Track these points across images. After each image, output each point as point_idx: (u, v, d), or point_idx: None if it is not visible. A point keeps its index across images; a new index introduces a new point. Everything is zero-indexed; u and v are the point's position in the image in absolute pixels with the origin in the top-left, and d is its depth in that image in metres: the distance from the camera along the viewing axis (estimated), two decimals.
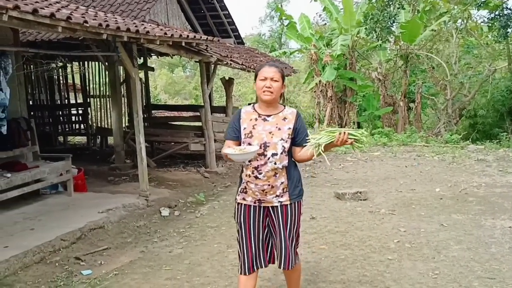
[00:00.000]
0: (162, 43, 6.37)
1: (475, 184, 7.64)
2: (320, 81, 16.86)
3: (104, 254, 4.97)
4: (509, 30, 14.04)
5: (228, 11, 13.08)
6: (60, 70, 12.89)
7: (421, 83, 16.98)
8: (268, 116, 3.07)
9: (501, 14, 13.32)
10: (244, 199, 3.14)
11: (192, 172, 9.14)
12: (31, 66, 11.03)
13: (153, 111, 12.50)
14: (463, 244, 4.90)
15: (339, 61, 17.12)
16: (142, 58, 10.76)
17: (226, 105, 10.23)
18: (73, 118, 13.21)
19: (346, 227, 5.62)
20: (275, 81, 2.99)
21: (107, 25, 5.20)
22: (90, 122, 13.06)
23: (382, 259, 4.55)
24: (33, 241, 4.88)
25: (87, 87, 13.20)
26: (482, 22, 18.42)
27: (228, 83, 10.03)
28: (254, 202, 3.10)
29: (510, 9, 13.43)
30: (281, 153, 3.00)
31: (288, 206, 3.08)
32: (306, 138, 3.01)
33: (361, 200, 6.83)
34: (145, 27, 6.03)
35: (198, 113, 9.54)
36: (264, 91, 2.99)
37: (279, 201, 3.07)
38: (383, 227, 5.57)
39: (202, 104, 9.49)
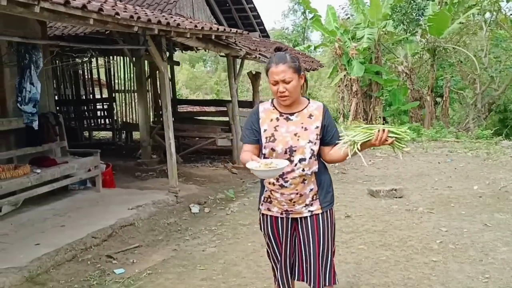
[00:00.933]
0: (191, 36, 6.22)
1: None
2: (345, 75, 16.57)
3: (135, 252, 4.85)
4: None
5: (254, 4, 12.89)
6: (85, 65, 12.90)
7: (450, 77, 16.55)
8: (291, 114, 2.64)
9: None
10: (269, 209, 2.75)
11: (219, 168, 9.00)
12: (57, 60, 11.03)
13: (177, 106, 12.39)
14: (511, 245, 4.64)
15: (364, 55, 16.82)
16: (167, 52, 10.64)
17: (253, 99, 10.04)
18: (99, 113, 13.19)
19: (384, 226, 5.41)
20: (288, 82, 2.52)
21: (138, 17, 5.06)
22: (115, 117, 13.02)
23: (426, 260, 4.33)
24: (64, 238, 4.79)
25: (112, 82, 13.16)
26: (511, 14, 17.90)
27: (254, 77, 9.84)
28: (281, 213, 2.71)
29: None
30: (310, 158, 2.58)
31: (320, 215, 2.68)
32: (340, 134, 2.63)
33: (396, 197, 6.60)
34: (175, 20, 5.89)
35: (224, 108, 9.41)
36: (280, 97, 2.57)
37: (309, 211, 2.67)
38: (423, 227, 5.33)
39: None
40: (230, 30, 6.83)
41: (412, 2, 14.36)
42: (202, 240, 5.19)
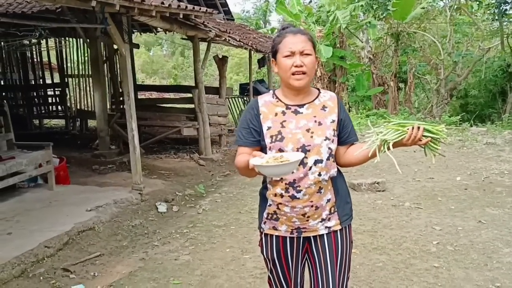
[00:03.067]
0: (156, 15, 5.52)
1: (496, 172, 7.08)
2: None
3: (96, 263, 4.21)
4: (506, 7, 13.57)
5: None
6: (34, 47, 11.84)
7: (415, 62, 16.41)
8: (301, 106, 2.11)
9: None
10: (275, 228, 2.17)
11: (185, 159, 8.35)
12: (1, 42, 10.00)
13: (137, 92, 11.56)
14: None
15: (328, 39, 16.44)
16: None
17: (219, 85, 9.40)
18: (50, 99, 12.14)
19: (373, 225, 4.97)
20: (307, 54, 2.03)
21: None
22: (68, 103, 12.04)
23: (427, 267, 3.91)
24: (12, 250, 4.08)
25: (64, 66, 12.13)
26: None
27: (222, 62, 9.19)
28: (291, 232, 2.15)
29: None
30: (328, 159, 2.07)
31: (338, 233, 2.16)
32: (368, 132, 2.12)
33: (379, 191, 6.20)
34: None
35: (189, 94, 8.73)
36: (293, 74, 2.02)
37: (326, 227, 2.14)
38: (415, 225, 4.93)
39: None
40: (200, 8, 6.16)
41: None
42: (173, 246, 4.59)
